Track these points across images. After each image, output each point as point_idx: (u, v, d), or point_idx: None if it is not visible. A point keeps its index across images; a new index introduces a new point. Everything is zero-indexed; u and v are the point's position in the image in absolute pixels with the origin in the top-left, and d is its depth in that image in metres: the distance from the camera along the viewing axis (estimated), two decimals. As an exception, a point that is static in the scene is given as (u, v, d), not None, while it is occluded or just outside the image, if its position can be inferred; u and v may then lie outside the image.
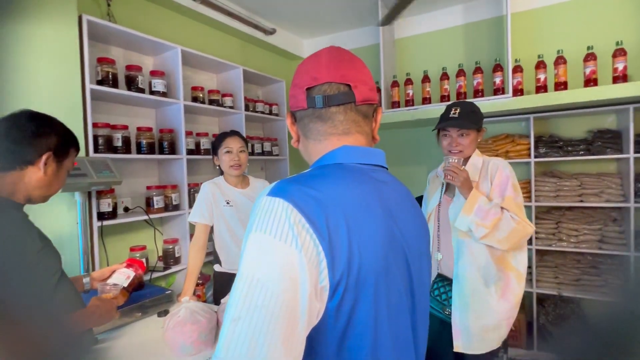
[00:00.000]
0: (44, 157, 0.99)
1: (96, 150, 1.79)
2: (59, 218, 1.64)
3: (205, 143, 2.41)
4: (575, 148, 2.43)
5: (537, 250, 2.50)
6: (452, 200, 1.50)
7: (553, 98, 2.22)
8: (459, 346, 1.41)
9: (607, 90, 2.11)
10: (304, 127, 0.67)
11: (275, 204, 0.51)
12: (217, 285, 1.88)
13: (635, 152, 2.20)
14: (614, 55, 2.14)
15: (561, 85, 2.26)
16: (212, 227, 1.84)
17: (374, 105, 0.67)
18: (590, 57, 2.19)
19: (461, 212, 1.38)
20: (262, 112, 2.90)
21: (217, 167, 1.90)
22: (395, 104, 2.79)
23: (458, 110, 1.45)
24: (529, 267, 2.52)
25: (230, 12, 2.61)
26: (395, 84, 2.78)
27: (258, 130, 3.19)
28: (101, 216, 1.80)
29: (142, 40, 2.02)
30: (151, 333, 1.38)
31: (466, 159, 1.50)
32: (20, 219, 0.95)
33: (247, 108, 2.73)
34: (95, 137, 1.80)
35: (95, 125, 1.80)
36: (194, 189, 2.32)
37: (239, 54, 2.95)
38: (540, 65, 2.32)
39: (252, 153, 2.78)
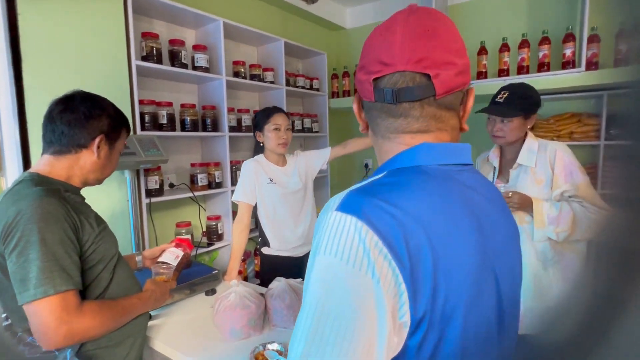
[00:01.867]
0: (96, 141, 0.97)
1: (143, 128, 1.80)
2: (111, 195, 1.68)
3: (246, 120, 2.36)
4: (654, 130, 2.15)
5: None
6: (506, 183, 1.45)
7: (637, 72, 1.93)
8: (522, 328, 1.37)
9: None
10: (371, 120, 0.57)
11: (347, 223, 0.43)
12: (265, 267, 1.87)
13: None
14: None
15: (647, 58, 1.96)
16: (255, 207, 1.82)
17: (462, 90, 0.53)
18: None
19: (535, 228, 1.33)
20: (303, 87, 2.80)
21: (261, 144, 1.84)
22: (445, 79, 2.57)
23: (506, 95, 1.38)
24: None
25: (271, -21, 2.47)
26: (447, 56, 2.55)
27: (298, 105, 3.10)
28: (149, 193, 1.83)
29: (184, 12, 1.96)
30: (199, 311, 1.41)
31: (513, 143, 1.43)
32: (79, 203, 0.95)
33: (287, 83, 2.64)
34: (142, 115, 1.80)
35: (141, 102, 1.80)
36: (235, 167, 2.30)
37: (279, 25, 2.83)
38: (623, 33, 2.02)
39: (292, 130, 2.71)
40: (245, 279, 2.37)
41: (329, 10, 3.11)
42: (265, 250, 1.87)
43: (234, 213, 2.30)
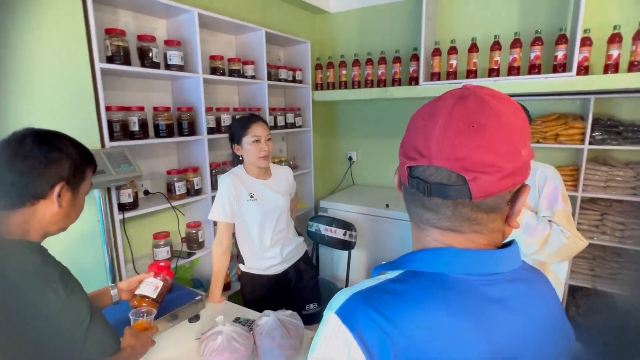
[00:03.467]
0: (56, 189, 0.84)
1: (112, 138, 1.63)
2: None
3: (226, 120, 2.21)
4: (635, 135, 2.18)
5: (576, 242, 2.37)
6: None
7: (627, 80, 1.92)
8: None
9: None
10: (406, 202, 0.53)
11: (337, 331, 0.44)
12: (246, 286, 1.80)
13: None
14: None
15: (637, 65, 1.94)
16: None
17: (511, 191, 0.47)
18: (679, 31, 1.85)
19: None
20: (285, 80, 2.64)
21: (240, 158, 1.71)
22: (434, 76, 2.49)
23: None
24: (565, 258, 2.41)
25: (250, -39, 2.24)
26: (437, 52, 2.45)
27: (280, 97, 2.94)
28: (122, 207, 1.69)
29: (153, 2, 1.74)
30: (184, 344, 1.34)
31: None
32: (39, 264, 0.83)
33: (269, 76, 2.47)
34: (110, 123, 1.63)
35: (108, 109, 1.62)
36: (215, 170, 2.17)
37: (259, 10, 2.61)
38: (615, 38, 1.98)
39: (274, 127, 2.58)
40: (229, 284, 2.31)
41: (312, -7, 2.89)
42: (242, 267, 1.80)
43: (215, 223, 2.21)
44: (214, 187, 2.15)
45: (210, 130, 2.09)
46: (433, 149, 0.45)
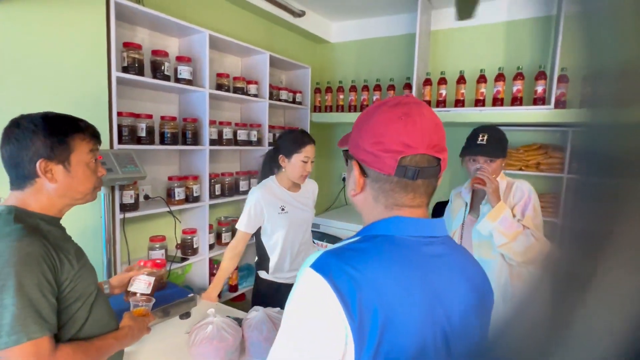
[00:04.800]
0: (38, 166, 0.87)
1: (120, 141, 1.74)
2: (83, 211, 1.61)
3: (227, 133, 2.34)
4: (611, 166, 2.32)
5: (557, 267, 2.46)
6: (475, 220, 1.53)
7: (580, 115, 2.08)
8: None
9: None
10: (378, 190, 0.62)
11: (314, 280, 0.53)
12: (258, 291, 1.82)
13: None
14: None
15: (608, 101, 2.12)
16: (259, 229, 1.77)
17: None
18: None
19: (486, 218, 1.42)
20: (286, 100, 2.80)
21: (283, 169, 1.72)
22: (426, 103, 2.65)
23: (486, 137, 1.46)
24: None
25: (260, -8, 2.46)
26: (428, 81, 2.64)
27: (280, 117, 3.10)
28: (123, 208, 1.78)
29: (169, 22, 1.91)
30: (174, 337, 1.39)
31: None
32: (60, 239, 0.92)
33: (270, 96, 2.63)
34: (120, 127, 1.74)
35: (119, 114, 1.74)
36: (214, 180, 2.27)
37: (264, 37, 2.81)
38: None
39: (273, 143, 2.71)
40: (236, 287, 2.35)
41: (315, 24, 3.12)
42: (262, 274, 1.81)
43: (211, 227, 2.28)
44: (212, 195, 2.25)
45: (212, 142, 2.21)
46: (419, 141, 0.58)
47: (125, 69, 1.76)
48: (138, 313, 1.14)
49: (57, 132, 0.90)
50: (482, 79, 2.47)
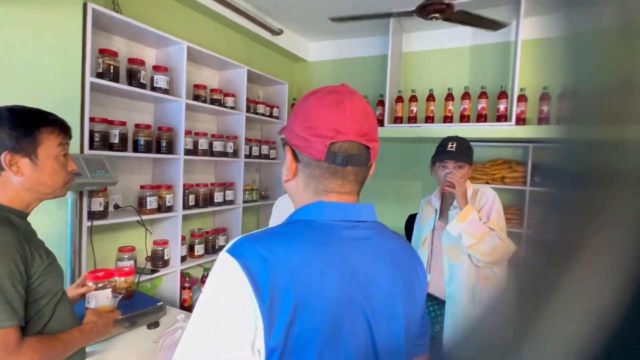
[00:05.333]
0: (3, 159, 0.86)
1: (91, 147, 1.71)
2: (49, 216, 1.56)
3: (203, 143, 2.34)
4: (569, 180, 2.48)
5: (524, 277, 2.55)
6: (445, 226, 1.59)
7: (554, 131, 2.25)
8: None
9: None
10: (308, 175, 0.62)
11: (227, 263, 0.52)
12: None
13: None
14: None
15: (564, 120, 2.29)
16: None
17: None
18: (593, 94, 2.23)
19: (455, 219, 1.49)
20: (263, 114, 2.84)
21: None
22: (398, 119, 2.78)
23: (455, 145, 1.55)
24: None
25: (238, 9, 2.53)
26: (399, 99, 2.77)
27: (257, 131, 3.13)
28: (91, 215, 1.72)
29: (147, 33, 1.94)
30: (141, 346, 1.33)
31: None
32: (29, 232, 0.90)
33: (247, 109, 2.67)
34: (92, 133, 1.72)
35: (92, 120, 1.72)
36: (188, 190, 2.25)
37: (243, 52, 2.88)
38: (545, 97, 2.35)
39: (249, 156, 2.72)
40: (190, 307, 2.27)
41: (293, 42, 3.23)
42: None
43: (183, 238, 2.23)
44: (186, 206, 2.21)
45: (188, 152, 2.20)
46: (349, 127, 0.58)
47: (100, 75, 1.76)
48: (103, 309, 1.10)
49: (23, 124, 0.89)
50: (449, 97, 2.62)
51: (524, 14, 2.33)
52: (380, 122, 2.84)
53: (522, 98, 2.38)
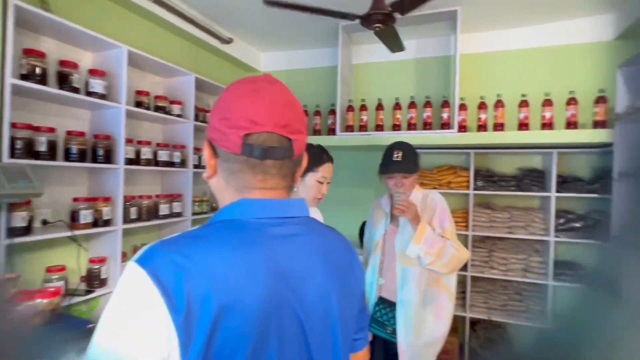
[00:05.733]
0: None
1: (12, 155, 1.54)
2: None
3: (146, 152, 2.21)
4: (507, 183, 2.66)
5: (472, 277, 2.67)
6: (397, 230, 1.64)
7: (491, 137, 2.42)
8: None
9: (536, 135, 2.35)
10: (227, 171, 0.58)
11: (134, 273, 0.48)
12: None
13: (557, 191, 2.46)
14: (543, 105, 2.40)
15: (499, 126, 2.48)
16: None
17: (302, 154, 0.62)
18: (523, 103, 2.43)
19: (412, 242, 1.52)
20: (213, 123, 2.75)
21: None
22: (349, 128, 2.83)
23: (400, 154, 1.58)
24: (464, 291, 2.67)
25: (185, 15, 2.47)
26: (350, 108, 2.83)
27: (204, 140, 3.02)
28: (13, 232, 1.54)
29: (81, 34, 1.81)
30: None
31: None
32: None
33: (196, 118, 2.57)
34: (13, 139, 1.55)
35: (13, 125, 1.55)
36: (129, 202, 2.10)
37: (191, 60, 2.80)
38: (482, 106, 2.52)
39: (198, 165, 2.62)
40: None
41: (243, 52, 3.20)
42: None
43: (124, 255, 2.07)
44: (127, 220, 2.06)
45: (129, 161, 2.06)
46: (266, 118, 0.54)
47: (24, 77, 1.60)
48: None
49: None
50: (397, 106, 2.72)
51: (460, 30, 2.51)
52: (332, 131, 2.88)
53: (462, 107, 2.54)
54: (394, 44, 2.22)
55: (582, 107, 2.37)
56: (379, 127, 2.76)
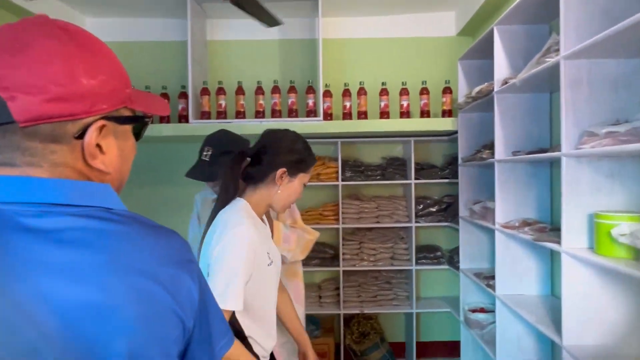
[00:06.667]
0: None
1: None
2: None
3: None
4: (373, 173, 2.65)
5: (344, 272, 2.57)
6: None
7: (356, 125, 2.34)
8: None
9: (395, 124, 2.38)
10: None
11: None
12: None
13: (415, 178, 2.54)
14: (401, 94, 2.43)
15: (362, 115, 2.41)
16: None
17: (75, 121, 0.43)
18: (384, 92, 2.43)
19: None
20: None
21: (278, 190, 1.11)
22: (205, 114, 2.40)
23: (210, 153, 1.44)
24: (337, 288, 2.57)
25: None
26: (205, 91, 2.40)
27: None
28: None
29: None
30: None
31: None
32: None
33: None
34: None
35: None
36: None
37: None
38: (346, 93, 2.42)
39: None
40: None
41: (58, 13, 2.41)
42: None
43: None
44: None
45: None
46: None
47: None
48: None
49: None
50: (259, 90, 2.42)
51: (321, 13, 2.35)
52: (185, 118, 2.40)
53: (327, 94, 2.39)
54: (265, 17, 1.91)
55: (433, 97, 2.48)
56: (240, 114, 2.40)
